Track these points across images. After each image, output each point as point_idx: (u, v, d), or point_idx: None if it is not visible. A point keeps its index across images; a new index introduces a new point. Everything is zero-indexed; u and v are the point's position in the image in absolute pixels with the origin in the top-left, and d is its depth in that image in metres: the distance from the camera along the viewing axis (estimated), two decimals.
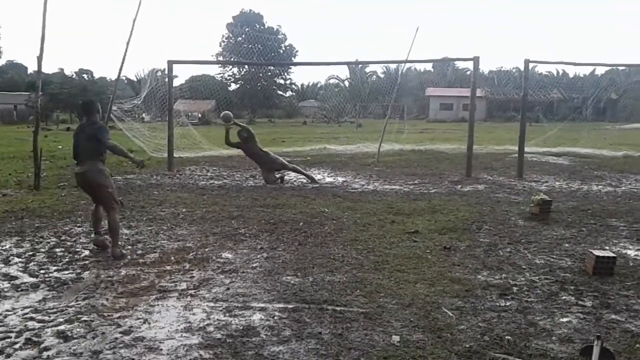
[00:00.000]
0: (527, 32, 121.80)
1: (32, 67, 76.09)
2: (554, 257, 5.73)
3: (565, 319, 4.08)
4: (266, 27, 63.68)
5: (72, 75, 58.51)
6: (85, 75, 59.69)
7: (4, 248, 5.93)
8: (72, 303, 4.32)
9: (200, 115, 54.62)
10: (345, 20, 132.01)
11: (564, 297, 4.54)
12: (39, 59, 9.76)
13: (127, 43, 12.65)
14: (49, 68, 65.04)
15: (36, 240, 6.26)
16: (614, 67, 53.89)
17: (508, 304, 4.38)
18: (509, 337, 3.72)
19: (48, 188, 9.91)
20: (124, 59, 12.94)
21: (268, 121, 56.18)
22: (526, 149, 16.52)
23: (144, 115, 33.57)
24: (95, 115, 5.89)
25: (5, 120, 50.39)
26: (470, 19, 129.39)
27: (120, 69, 13.34)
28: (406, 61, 14.38)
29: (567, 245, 6.20)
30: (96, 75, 64.21)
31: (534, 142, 18.21)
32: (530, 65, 12.19)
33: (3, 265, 5.31)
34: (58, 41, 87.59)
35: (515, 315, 4.15)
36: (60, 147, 18.66)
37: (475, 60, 11.74)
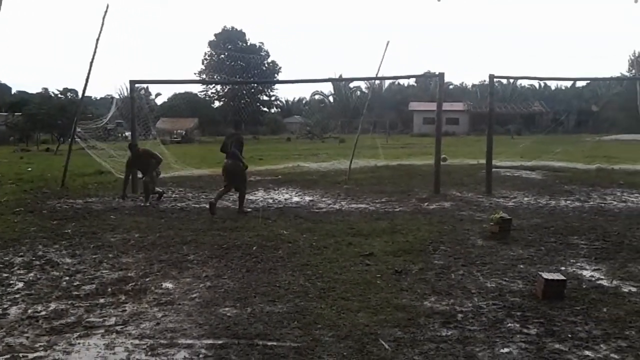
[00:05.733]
0: (514, 45, 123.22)
1: (16, 87, 75.54)
2: (507, 279, 5.56)
3: (505, 350, 3.90)
4: (249, 44, 63.64)
5: (57, 94, 57.74)
6: (69, 95, 58.94)
7: None
8: None
9: (184, 132, 54.36)
10: (328, 34, 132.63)
11: (508, 325, 4.35)
12: None
13: (91, 63, 12.54)
14: (32, 88, 64.47)
15: None
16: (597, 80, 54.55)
17: (449, 333, 4.19)
18: None
19: (2, 214, 9.61)
20: (87, 80, 12.80)
21: (253, 137, 55.92)
22: (499, 163, 16.52)
23: (127, 133, 33.34)
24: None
25: None
26: (447, 34, 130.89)
27: (84, 90, 13.23)
28: (375, 78, 14.31)
29: (522, 266, 6.03)
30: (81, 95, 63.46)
31: (506, 156, 18.13)
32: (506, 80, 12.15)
33: None
34: (42, 59, 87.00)
35: (454, 346, 3.96)
36: (30, 169, 18.30)
37: (441, 76, 11.74)
